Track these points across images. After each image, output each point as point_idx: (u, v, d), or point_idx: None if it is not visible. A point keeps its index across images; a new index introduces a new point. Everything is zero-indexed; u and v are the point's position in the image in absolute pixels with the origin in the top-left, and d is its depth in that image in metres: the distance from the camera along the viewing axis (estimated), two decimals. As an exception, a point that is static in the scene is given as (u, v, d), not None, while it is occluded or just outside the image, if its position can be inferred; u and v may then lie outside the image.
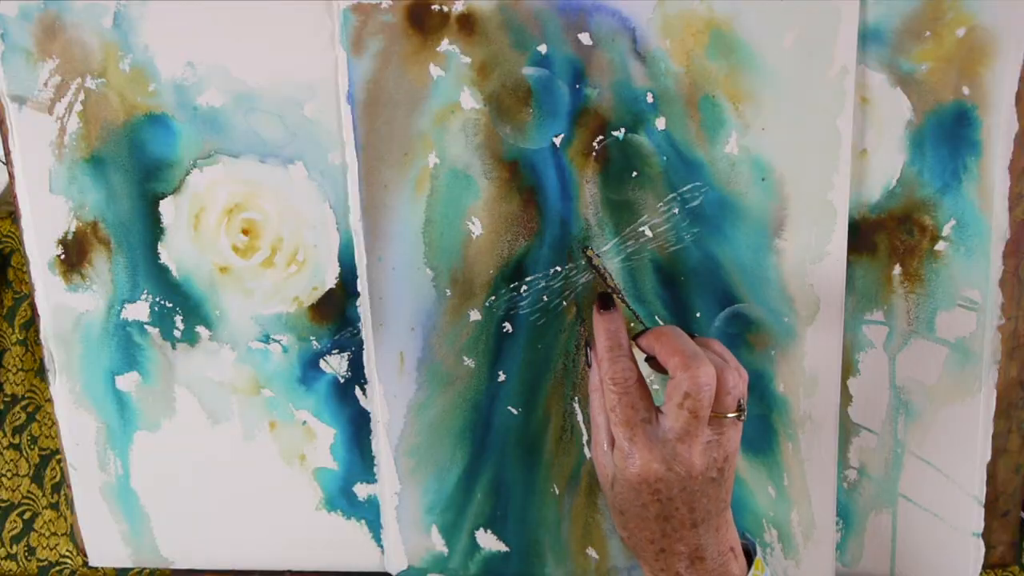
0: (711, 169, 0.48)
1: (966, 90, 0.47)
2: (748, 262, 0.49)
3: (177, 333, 0.54)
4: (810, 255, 0.48)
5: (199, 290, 0.53)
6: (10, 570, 0.62)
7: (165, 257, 0.53)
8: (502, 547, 0.54)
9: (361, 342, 0.52)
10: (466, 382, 0.52)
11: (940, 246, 0.49)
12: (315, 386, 0.54)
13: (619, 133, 0.48)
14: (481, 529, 0.54)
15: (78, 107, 0.52)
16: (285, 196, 0.51)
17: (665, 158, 0.48)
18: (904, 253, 0.49)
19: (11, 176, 0.53)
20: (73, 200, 0.53)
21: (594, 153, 0.48)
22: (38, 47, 0.51)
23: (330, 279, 0.52)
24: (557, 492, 0.53)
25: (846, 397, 0.51)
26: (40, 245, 0.54)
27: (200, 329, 0.54)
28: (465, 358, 0.51)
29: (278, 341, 0.53)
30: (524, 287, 0.50)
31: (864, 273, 0.49)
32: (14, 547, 0.62)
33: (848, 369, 0.50)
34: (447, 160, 0.49)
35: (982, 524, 0.51)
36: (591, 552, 0.53)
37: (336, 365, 0.53)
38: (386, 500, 0.54)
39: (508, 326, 0.51)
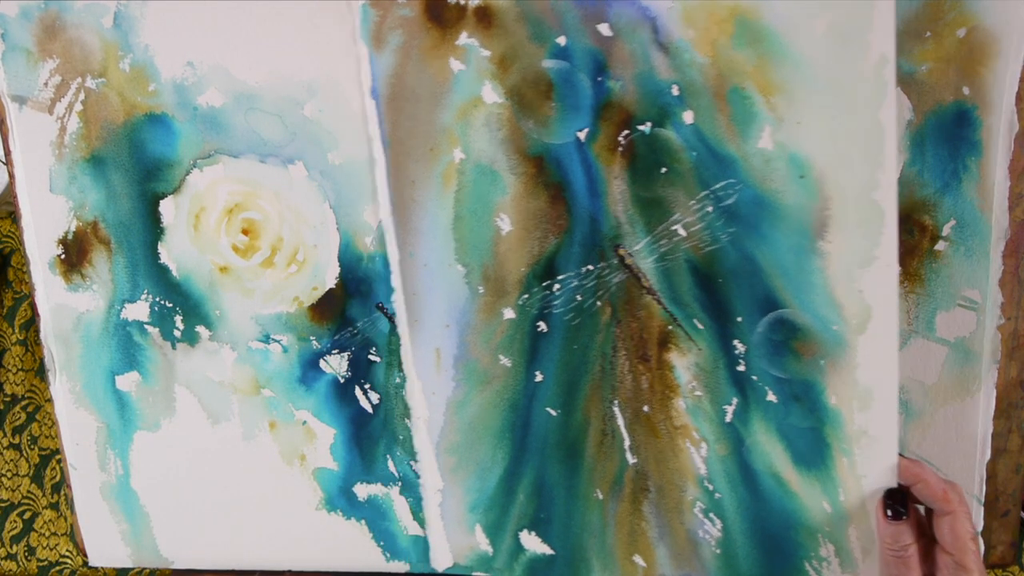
0: (744, 165, 0.45)
1: (966, 90, 0.46)
2: (790, 265, 0.46)
3: (177, 333, 0.54)
4: (857, 259, 0.45)
5: (199, 290, 0.53)
6: (10, 570, 0.62)
7: (165, 257, 0.53)
8: (547, 550, 0.52)
9: (361, 342, 0.52)
10: (503, 381, 0.51)
11: (940, 246, 0.48)
12: (315, 386, 0.54)
13: (645, 127, 0.46)
14: (525, 531, 0.52)
15: (78, 107, 0.52)
16: (285, 196, 0.51)
17: (695, 153, 0.46)
18: (904, 253, 0.49)
19: (11, 176, 0.53)
20: (73, 200, 0.53)
21: (620, 148, 0.47)
22: (38, 47, 0.51)
23: (330, 279, 0.52)
24: (600, 497, 0.51)
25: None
26: (40, 245, 0.54)
27: (200, 329, 0.54)
28: (501, 357, 0.50)
29: (278, 341, 0.53)
30: (557, 285, 0.49)
31: (864, 273, 0.49)
32: (14, 547, 0.62)
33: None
34: (473, 155, 0.48)
35: (982, 524, 0.51)
36: (638, 559, 0.51)
37: (336, 365, 0.53)
38: (429, 497, 0.53)
39: (543, 325, 0.50)
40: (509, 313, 0.50)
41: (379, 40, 0.47)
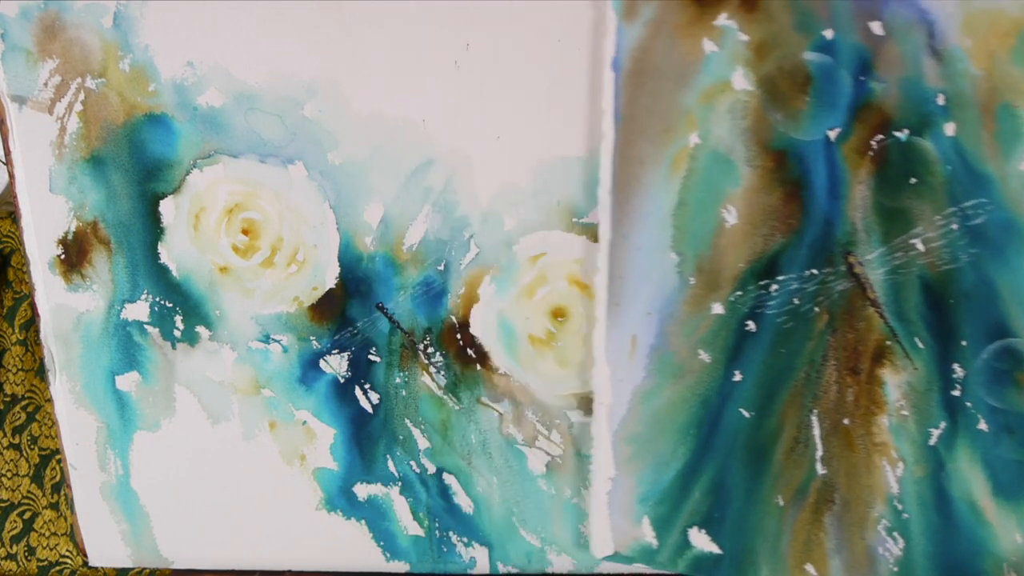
0: (1001, 186, 0.43)
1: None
2: None
3: (177, 333, 0.54)
4: None
5: (199, 290, 0.53)
6: (10, 570, 0.62)
7: (165, 257, 0.53)
8: (715, 549, 0.50)
9: (361, 342, 0.52)
10: (698, 376, 0.49)
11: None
12: (315, 386, 0.54)
13: (902, 134, 0.44)
14: (695, 528, 0.51)
15: (78, 107, 0.52)
16: (285, 196, 0.51)
17: (950, 167, 0.43)
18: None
19: (11, 176, 0.53)
20: (73, 200, 0.53)
21: (871, 152, 0.44)
22: (38, 47, 0.51)
23: (330, 279, 0.52)
24: (781, 503, 0.49)
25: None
26: (40, 245, 0.54)
27: (200, 329, 0.54)
28: (700, 351, 0.48)
29: (278, 341, 0.53)
30: (775, 286, 0.46)
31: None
32: (14, 547, 0.62)
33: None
34: (709, 141, 0.45)
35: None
36: (809, 568, 0.49)
37: (336, 365, 0.53)
38: (598, 484, 0.51)
39: (751, 324, 0.47)
40: (718, 308, 0.47)
41: (631, 11, 0.45)
